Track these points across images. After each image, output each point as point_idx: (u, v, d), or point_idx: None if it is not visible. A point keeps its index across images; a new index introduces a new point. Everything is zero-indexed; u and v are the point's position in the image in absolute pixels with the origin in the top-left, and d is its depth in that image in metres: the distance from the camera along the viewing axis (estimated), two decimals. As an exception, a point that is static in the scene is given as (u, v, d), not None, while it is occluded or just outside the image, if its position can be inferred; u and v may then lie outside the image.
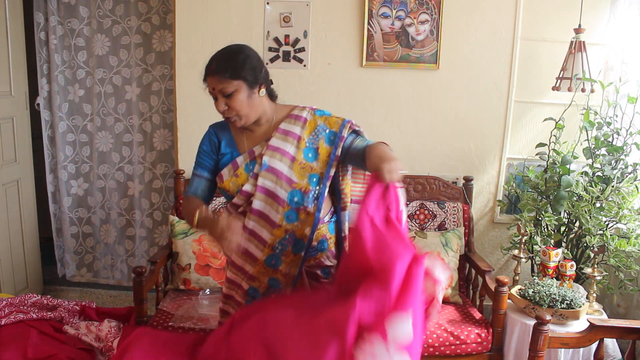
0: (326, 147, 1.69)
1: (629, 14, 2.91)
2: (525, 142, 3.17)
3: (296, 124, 1.72)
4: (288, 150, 1.68)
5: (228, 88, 1.62)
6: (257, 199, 1.65)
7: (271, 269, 1.68)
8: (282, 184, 1.65)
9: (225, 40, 3.12)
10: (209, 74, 1.66)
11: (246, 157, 1.70)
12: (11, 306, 2.45)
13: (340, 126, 1.70)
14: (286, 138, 1.69)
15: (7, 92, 3.28)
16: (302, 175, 1.66)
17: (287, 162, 1.66)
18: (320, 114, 1.75)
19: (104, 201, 3.69)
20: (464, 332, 2.47)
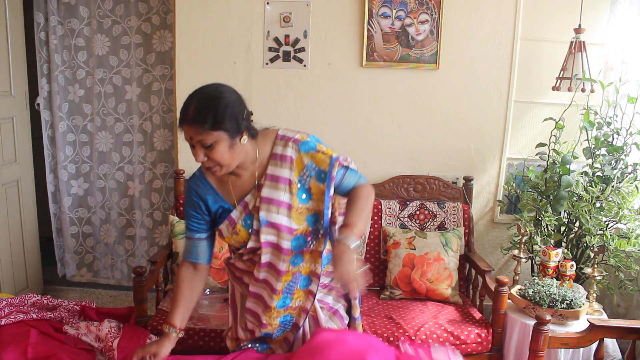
0: (317, 185, 1.63)
1: (629, 14, 2.91)
2: (525, 142, 3.17)
3: (283, 165, 1.61)
4: (282, 199, 1.60)
5: (207, 140, 1.48)
6: (264, 253, 1.63)
7: (282, 309, 1.70)
8: (283, 235, 1.61)
9: (225, 40, 3.15)
10: (186, 121, 1.48)
11: (240, 211, 1.63)
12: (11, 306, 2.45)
13: (329, 165, 1.60)
14: (277, 185, 1.61)
15: (7, 92, 3.28)
16: (300, 221, 1.62)
17: (284, 212, 1.60)
18: (306, 151, 1.62)
19: (104, 201, 3.69)
20: (464, 332, 2.47)
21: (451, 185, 3.12)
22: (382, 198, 3.09)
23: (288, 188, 1.61)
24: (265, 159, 1.63)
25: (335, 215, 1.70)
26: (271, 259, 1.64)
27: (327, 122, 3.17)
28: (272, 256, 1.63)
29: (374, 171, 3.18)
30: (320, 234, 1.67)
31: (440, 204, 3.03)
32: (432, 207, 3.02)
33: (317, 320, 1.74)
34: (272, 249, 1.63)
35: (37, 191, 3.65)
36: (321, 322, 1.74)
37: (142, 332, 2.39)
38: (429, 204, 3.03)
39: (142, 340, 2.32)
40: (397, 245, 2.82)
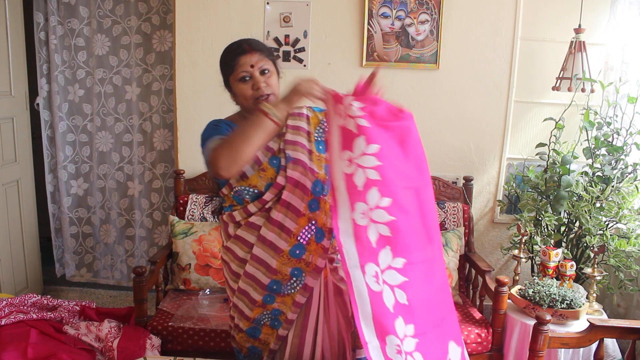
0: None
1: (629, 14, 2.91)
2: (525, 142, 3.17)
3: (301, 120, 1.76)
4: (304, 144, 1.71)
5: (267, 65, 1.69)
6: (286, 190, 1.67)
7: (295, 259, 1.69)
8: (307, 174, 1.68)
9: (225, 40, 3.12)
10: (245, 52, 1.68)
11: (265, 153, 1.70)
12: (11, 306, 2.45)
13: None
14: (298, 132, 1.73)
15: (7, 92, 3.28)
16: (320, 166, 1.71)
17: (306, 154, 1.70)
18: (319, 110, 1.80)
19: (104, 201, 3.69)
20: (464, 332, 2.47)
21: (451, 185, 3.12)
22: (382, 198, 3.09)
23: (307, 137, 1.73)
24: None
25: None
26: (290, 198, 1.67)
27: (327, 122, 3.17)
28: (293, 195, 1.67)
29: (374, 171, 3.18)
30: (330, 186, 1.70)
31: (440, 204, 3.03)
32: (432, 207, 3.02)
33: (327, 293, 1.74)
34: (294, 187, 1.67)
35: (37, 191, 3.65)
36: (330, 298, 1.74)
37: (142, 332, 2.39)
38: (429, 204, 3.03)
39: (142, 340, 2.32)
40: (397, 245, 2.82)
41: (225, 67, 1.72)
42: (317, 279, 1.72)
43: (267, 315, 1.74)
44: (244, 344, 1.81)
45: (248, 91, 1.68)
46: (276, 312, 1.73)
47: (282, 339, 1.76)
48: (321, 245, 1.71)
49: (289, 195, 1.67)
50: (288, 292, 1.71)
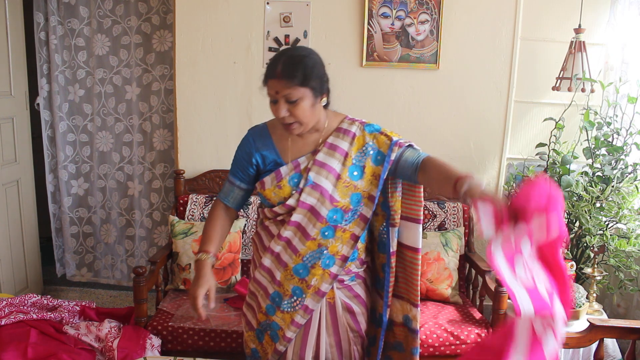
0: (372, 167, 1.66)
1: (629, 14, 2.91)
2: (525, 142, 3.17)
3: (344, 139, 1.67)
4: (334, 167, 1.64)
5: (294, 95, 1.55)
6: (297, 213, 1.64)
7: (297, 277, 1.68)
8: (324, 201, 1.63)
9: (225, 40, 3.15)
10: (274, 76, 1.56)
11: (291, 169, 1.66)
12: (11, 306, 2.45)
13: (389, 148, 1.65)
14: (333, 153, 1.65)
15: (7, 92, 3.28)
16: (344, 195, 1.64)
17: (332, 179, 1.64)
18: (370, 131, 1.69)
19: (104, 201, 3.69)
20: (464, 332, 2.47)
21: (451, 185, 3.12)
22: (382, 198, 3.09)
23: (342, 159, 1.65)
24: (330, 131, 1.70)
25: (396, 218, 1.71)
26: (302, 220, 1.65)
27: (327, 122, 3.17)
28: (305, 219, 1.65)
29: (374, 171, 3.18)
30: (358, 216, 1.67)
31: (440, 203, 3.03)
32: (432, 207, 3.02)
33: (334, 309, 1.73)
34: (308, 211, 1.64)
35: (37, 191, 3.65)
36: (338, 313, 1.73)
37: (142, 332, 2.39)
38: (429, 203, 3.03)
39: (142, 340, 2.32)
40: (397, 245, 2.82)
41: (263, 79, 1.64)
42: (319, 302, 1.70)
43: (269, 325, 1.74)
44: (250, 344, 1.81)
45: (276, 112, 1.60)
46: (275, 325, 1.72)
47: (280, 355, 1.74)
48: (329, 272, 1.68)
49: (300, 217, 1.65)
50: (287, 310, 1.69)
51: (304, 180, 1.64)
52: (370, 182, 1.66)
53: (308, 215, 1.64)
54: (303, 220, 1.64)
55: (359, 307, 1.77)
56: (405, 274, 1.77)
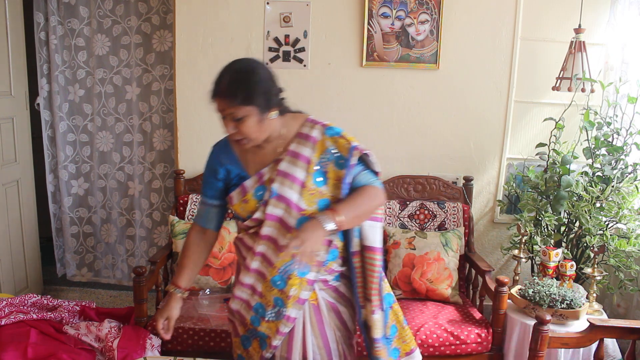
0: (335, 170, 1.64)
1: (629, 14, 2.91)
2: (525, 142, 3.17)
3: (306, 144, 1.64)
4: (297, 176, 1.61)
5: (238, 113, 1.52)
6: (266, 225, 1.63)
7: (276, 288, 1.67)
8: (291, 211, 1.61)
9: (225, 40, 3.15)
10: (217, 94, 1.54)
11: (255, 181, 1.65)
12: (11, 306, 2.45)
13: (349, 152, 1.62)
14: (296, 161, 1.63)
15: (7, 92, 3.28)
16: (311, 202, 1.62)
17: (296, 188, 1.61)
18: (330, 135, 1.65)
19: (105, 201, 3.69)
20: (464, 332, 2.47)
21: (451, 185, 3.12)
22: (382, 198, 3.09)
23: (306, 166, 1.63)
24: (290, 136, 1.67)
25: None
26: (272, 232, 1.64)
27: (327, 122, 3.17)
28: (275, 230, 1.64)
29: (374, 171, 3.18)
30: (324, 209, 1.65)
31: (440, 204, 3.03)
32: (432, 207, 3.02)
33: (319, 311, 1.72)
34: (277, 222, 1.63)
35: (37, 191, 3.65)
36: (323, 314, 1.72)
37: (142, 332, 2.39)
38: (429, 204, 3.03)
39: (142, 340, 2.32)
40: (397, 245, 2.82)
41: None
42: (301, 310, 1.68)
43: (256, 333, 1.74)
44: (236, 349, 1.81)
45: (226, 129, 1.58)
46: (263, 334, 1.72)
47: None
48: (306, 280, 1.66)
49: (270, 230, 1.64)
50: (272, 319, 1.69)
51: (268, 192, 1.62)
52: (335, 187, 1.64)
53: (277, 226, 1.63)
54: (273, 232, 1.64)
55: (345, 307, 1.76)
56: (363, 276, 1.72)
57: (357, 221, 1.63)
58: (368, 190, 1.64)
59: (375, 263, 1.69)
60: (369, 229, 1.70)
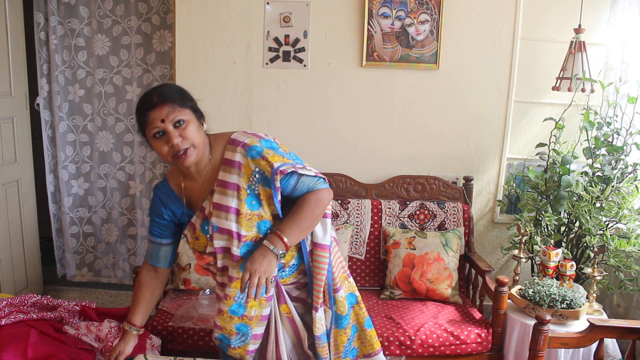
0: (266, 190, 1.60)
1: (629, 14, 2.91)
2: (525, 142, 3.17)
3: (232, 171, 1.59)
4: (231, 205, 1.59)
5: (180, 115, 1.52)
6: (219, 258, 1.66)
7: (235, 316, 1.69)
8: (233, 241, 1.60)
9: (225, 40, 3.15)
10: (154, 106, 1.50)
11: (199, 216, 1.65)
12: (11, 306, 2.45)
13: (271, 175, 1.57)
14: (226, 191, 1.59)
15: (7, 92, 3.28)
16: (250, 227, 1.60)
17: (233, 217, 1.59)
18: (252, 157, 1.58)
19: (105, 201, 3.69)
20: (464, 332, 2.47)
21: (451, 185, 3.12)
22: (382, 198, 3.09)
23: (236, 194, 1.59)
24: (217, 163, 1.63)
25: None
26: (225, 263, 1.65)
27: (327, 122, 3.17)
28: (226, 260, 1.65)
29: (374, 171, 3.18)
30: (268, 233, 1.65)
31: (440, 204, 3.03)
32: (432, 207, 3.02)
33: (293, 321, 1.73)
34: (225, 253, 1.64)
35: (37, 191, 3.65)
36: (299, 326, 1.73)
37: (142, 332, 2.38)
38: (429, 204, 3.03)
39: (142, 340, 2.32)
40: (397, 245, 2.82)
41: (139, 123, 1.57)
42: (264, 325, 1.70)
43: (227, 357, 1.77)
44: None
45: (164, 147, 1.53)
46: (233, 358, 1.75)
47: None
48: (264, 298, 1.67)
49: (222, 261, 1.65)
50: (239, 345, 1.71)
51: (210, 227, 1.62)
52: (270, 205, 1.62)
53: (227, 256, 1.64)
54: (227, 262, 1.65)
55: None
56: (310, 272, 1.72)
57: (305, 233, 1.63)
58: (309, 198, 1.61)
59: (322, 260, 1.68)
60: (317, 226, 1.69)
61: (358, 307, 1.82)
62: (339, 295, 1.74)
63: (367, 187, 3.12)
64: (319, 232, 1.69)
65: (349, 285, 1.80)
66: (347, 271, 1.85)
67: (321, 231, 1.69)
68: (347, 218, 2.99)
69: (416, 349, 2.42)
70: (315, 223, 1.65)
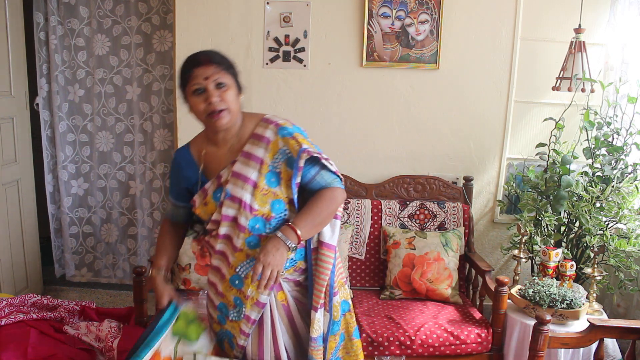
0: (287, 171, 1.64)
1: (629, 14, 2.91)
2: (525, 142, 3.17)
3: (259, 145, 1.64)
4: (250, 176, 1.62)
5: (223, 79, 1.58)
6: (222, 225, 1.66)
7: (235, 288, 1.69)
8: (244, 212, 1.61)
9: (225, 40, 3.15)
10: (200, 64, 1.57)
11: (214, 183, 1.67)
12: (11, 306, 2.45)
13: (297, 154, 1.60)
14: (248, 162, 1.63)
15: (7, 92, 3.28)
16: (264, 203, 1.62)
17: (249, 189, 1.62)
18: (283, 135, 1.64)
19: (105, 201, 3.69)
20: (464, 332, 2.47)
21: (451, 185, 3.12)
22: (382, 198, 3.09)
23: (258, 167, 1.63)
24: (245, 137, 1.67)
25: None
26: (229, 231, 1.66)
27: (327, 122, 3.17)
28: (230, 229, 1.65)
29: (374, 171, 3.18)
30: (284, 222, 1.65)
31: (440, 204, 3.03)
32: (432, 207, 3.02)
33: (289, 310, 1.72)
34: (231, 222, 1.65)
35: (37, 191, 3.65)
36: (293, 314, 1.72)
37: (142, 332, 2.39)
38: (429, 204, 3.03)
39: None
40: (397, 245, 2.82)
41: (181, 79, 1.62)
42: (260, 313, 1.67)
43: (224, 333, 1.76)
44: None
45: (201, 105, 1.58)
46: (229, 333, 1.73)
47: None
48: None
49: (226, 229, 1.66)
50: (235, 319, 1.70)
51: (223, 193, 1.64)
52: (288, 187, 1.64)
53: (232, 226, 1.64)
54: (228, 231, 1.65)
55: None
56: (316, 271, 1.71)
57: (317, 229, 1.65)
58: (325, 195, 1.64)
59: (328, 260, 1.68)
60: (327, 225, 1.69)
61: (349, 315, 1.81)
62: (335, 300, 1.74)
63: (367, 187, 3.12)
64: (327, 231, 1.70)
65: (344, 292, 1.81)
66: (344, 278, 1.85)
67: (329, 231, 1.70)
68: (347, 218, 2.99)
69: (416, 349, 2.42)
70: (328, 220, 1.66)
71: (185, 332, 1.65)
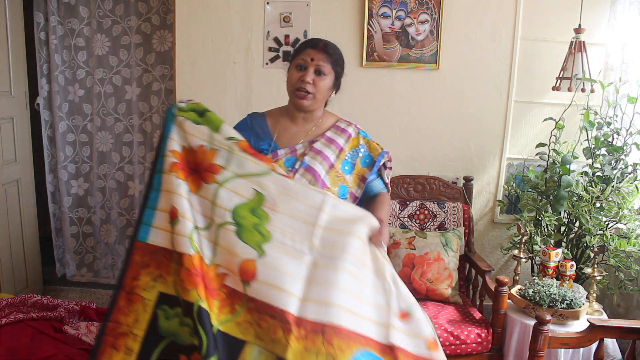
0: (361, 168, 1.82)
1: (629, 14, 2.91)
2: (525, 142, 3.17)
3: (341, 136, 1.82)
4: (329, 157, 1.77)
5: (325, 68, 1.74)
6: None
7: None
8: (315, 184, 1.72)
9: (225, 40, 3.15)
10: (315, 47, 1.74)
11: (287, 152, 1.77)
12: (11, 306, 2.45)
13: (379, 155, 1.83)
14: (330, 145, 1.79)
15: (7, 92, 3.28)
16: (335, 183, 1.75)
17: (325, 166, 1.75)
18: (364, 135, 1.87)
19: (104, 201, 3.69)
20: (464, 332, 2.47)
21: (451, 185, 3.12)
22: (382, 198, 3.09)
23: (337, 152, 1.79)
24: (326, 127, 1.84)
25: None
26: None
27: (327, 122, 3.17)
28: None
29: (374, 171, 3.18)
30: None
31: (440, 204, 3.03)
32: (432, 207, 3.02)
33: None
34: None
35: (37, 191, 3.65)
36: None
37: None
38: (429, 204, 3.03)
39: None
40: (397, 245, 2.82)
41: (294, 52, 1.81)
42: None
43: None
44: None
45: (295, 77, 1.74)
46: None
47: None
48: None
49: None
50: None
51: (300, 162, 1.75)
52: (355, 181, 1.81)
53: None
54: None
55: None
56: None
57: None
58: (387, 199, 1.85)
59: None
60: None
61: None
62: None
63: (367, 187, 3.12)
64: None
65: None
66: None
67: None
68: (347, 218, 2.99)
69: (416, 349, 2.42)
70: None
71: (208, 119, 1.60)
